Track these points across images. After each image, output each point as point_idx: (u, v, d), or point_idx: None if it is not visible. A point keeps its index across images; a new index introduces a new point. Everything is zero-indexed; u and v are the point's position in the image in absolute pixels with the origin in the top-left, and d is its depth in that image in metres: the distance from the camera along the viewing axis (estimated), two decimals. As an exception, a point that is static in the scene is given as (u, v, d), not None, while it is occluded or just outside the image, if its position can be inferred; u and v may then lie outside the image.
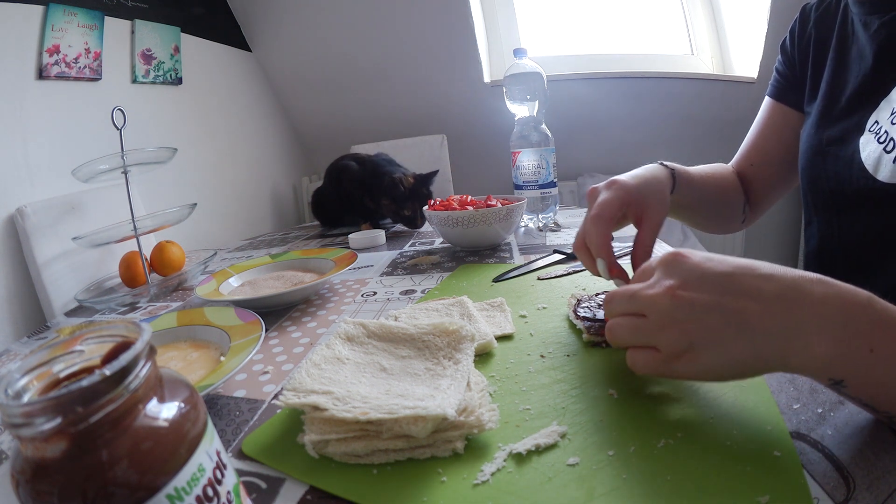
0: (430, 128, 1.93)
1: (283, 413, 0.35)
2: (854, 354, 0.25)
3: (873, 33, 0.50)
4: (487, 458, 0.28)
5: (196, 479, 0.18)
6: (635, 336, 0.31)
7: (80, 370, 0.20)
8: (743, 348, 0.27)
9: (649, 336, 0.30)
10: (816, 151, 0.56)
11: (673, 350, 0.29)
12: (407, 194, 0.96)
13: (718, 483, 0.24)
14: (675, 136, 1.87)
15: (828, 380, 0.26)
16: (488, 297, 0.54)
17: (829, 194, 0.55)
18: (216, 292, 0.63)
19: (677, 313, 0.28)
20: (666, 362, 0.29)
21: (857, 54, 0.53)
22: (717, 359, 0.28)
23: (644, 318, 0.30)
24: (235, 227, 1.79)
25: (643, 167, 0.52)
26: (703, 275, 0.29)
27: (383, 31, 1.84)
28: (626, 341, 0.32)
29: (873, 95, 0.50)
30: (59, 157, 1.18)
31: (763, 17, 1.55)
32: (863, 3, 0.51)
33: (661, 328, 0.29)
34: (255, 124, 2.01)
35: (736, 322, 0.27)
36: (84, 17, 1.26)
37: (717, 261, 0.30)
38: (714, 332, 0.27)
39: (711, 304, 0.28)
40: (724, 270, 0.29)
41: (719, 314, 0.27)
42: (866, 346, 0.25)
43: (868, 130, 0.49)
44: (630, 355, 0.31)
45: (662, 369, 0.29)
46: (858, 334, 0.25)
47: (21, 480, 0.17)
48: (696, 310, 0.28)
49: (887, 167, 0.46)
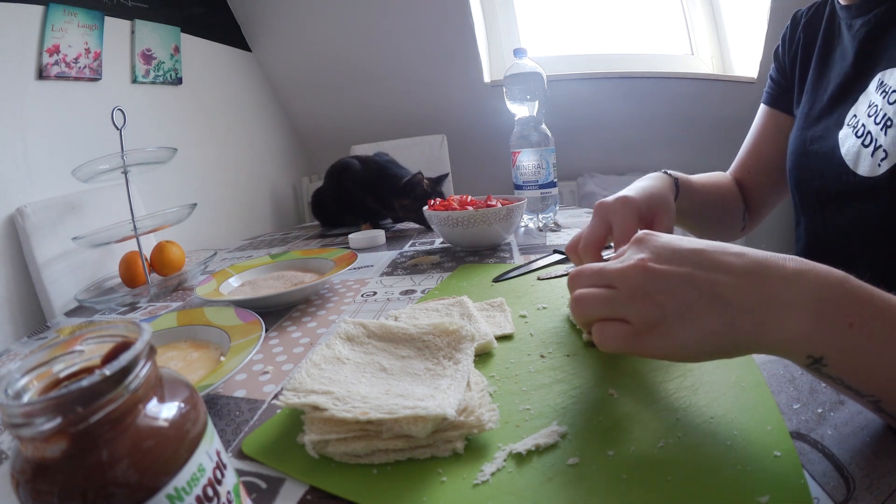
0: (430, 128, 1.93)
1: (283, 413, 0.35)
2: (832, 329, 0.24)
3: (855, 33, 0.51)
4: (487, 458, 0.28)
5: (196, 479, 0.18)
6: (605, 307, 0.30)
7: (80, 370, 0.20)
8: (716, 321, 0.26)
9: (619, 307, 0.29)
10: (801, 151, 0.57)
11: (644, 322, 0.28)
12: (429, 192, 0.97)
13: (718, 483, 0.24)
14: (675, 136, 1.87)
15: (806, 357, 0.25)
16: (488, 297, 0.54)
17: (814, 193, 0.56)
18: (216, 292, 0.63)
19: (648, 284, 0.28)
20: (637, 335, 0.28)
21: (840, 55, 0.54)
22: (689, 332, 0.27)
23: (614, 290, 0.29)
24: (235, 227, 1.79)
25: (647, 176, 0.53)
26: (675, 250, 0.29)
27: (383, 32, 1.84)
28: (594, 313, 0.30)
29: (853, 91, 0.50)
30: (59, 157, 1.18)
31: (763, 17, 1.55)
32: (848, 7, 0.52)
33: (631, 298, 0.28)
34: (255, 124, 2.01)
35: (709, 294, 0.27)
36: (84, 17, 1.26)
37: (688, 240, 0.30)
38: (687, 303, 0.27)
39: (684, 276, 0.27)
40: (695, 247, 0.29)
41: (692, 286, 0.27)
42: (845, 320, 0.24)
43: (846, 125, 0.50)
44: (598, 328, 0.30)
45: (633, 344, 0.28)
46: (836, 308, 0.25)
47: (21, 480, 0.17)
48: (669, 282, 0.28)
49: (866, 161, 0.46)
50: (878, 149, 0.45)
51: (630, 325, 0.28)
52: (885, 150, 0.44)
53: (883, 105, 0.45)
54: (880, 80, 0.47)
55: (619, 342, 0.29)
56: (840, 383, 0.26)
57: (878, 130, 0.45)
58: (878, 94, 0.46)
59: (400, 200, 0.99)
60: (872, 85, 0.47)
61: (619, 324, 0.29)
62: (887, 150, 0.44)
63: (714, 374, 0.34)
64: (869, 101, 0.47)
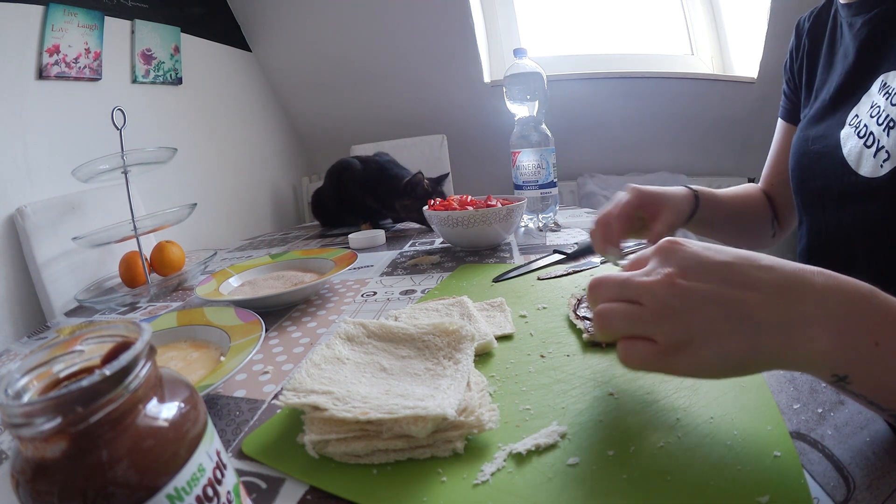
0: (430, 128, 1.93)
1: (283, 413, 0.35)
2: (858, 347, 0.24)
3: (856, 32, 0.51)
4: (487, 458, 0.28)
5: (196, 479, 0.18)
6: (631, 324, 0.28)
7: (80, 370, 0.20)
8: (742, 342, 0.26)
9: (647, 325, 0.27)
10: (803, 151, 0.57)
11: (672, 342, 0.27)
12: (430, 191, 0.97)
13: (718, 483, 0.24)
14: (675, 136, 1.87)
15: (831, 376, 0.25)
16: (488, 297, 0.54)
17: (815, 193, 0.56)
18: (216, 292, 0.63)
19: (676, 302, 0.27)
20: (663, 355, 0.27)
21: (842, 54, 0.54)
22: (715, 354, 0.26)
23: (640, 306, 0.28)
24: (235, 227, 1.79)
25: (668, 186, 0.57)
26: (702, 263, 0.28)
27: (383, 32, 1.84)
28: (619, 329, 0.29)
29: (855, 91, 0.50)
30: (59, 157, 1.18)
31: (763, 17, 1.55)
32: (849, 5, 0.52)
33: (660, 317, 0.27)
34: (255, 124, 2.01)
35: (736, 314, 0.26)
36: (84, 17, 1.26)
37: (716, 250, 0.29)
38: (713, 324, 0.26)
39: (711, 294, 0.26)
40: (723, 260, 0.28)
41: (719, 305, 0.26)
42: (871, 338, 0.24)
43: (848, 124, 0.50)
44: (624, 346, 0.28)
45: (659, 364, 0.27)
46: (862, 326, 0.24)
47: (21, 480, 0.17)
48: (696, 300, 0.27)
49: (868, 162, 0.46)
50: (881, 150, 0.45)
51: (657, 344, 0.27)
52: (887, 152, 0.44)
53: (886, 106, 0.45)
54: (883, 81, 0.47)
55: (646, 362, 0.28)
56: (863, 399, 0.26)
57: (881, 131, 0.45)
58: (881, 94, 0.46)
59: (401, 201, 0.99)
60: (875, 86, 0.48)
61: (646, 343, 0.28)
62: (890, 151, 0.44)
63: (714, 374, 0.34)
64: (871, 102, 0.47)
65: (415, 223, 1.05)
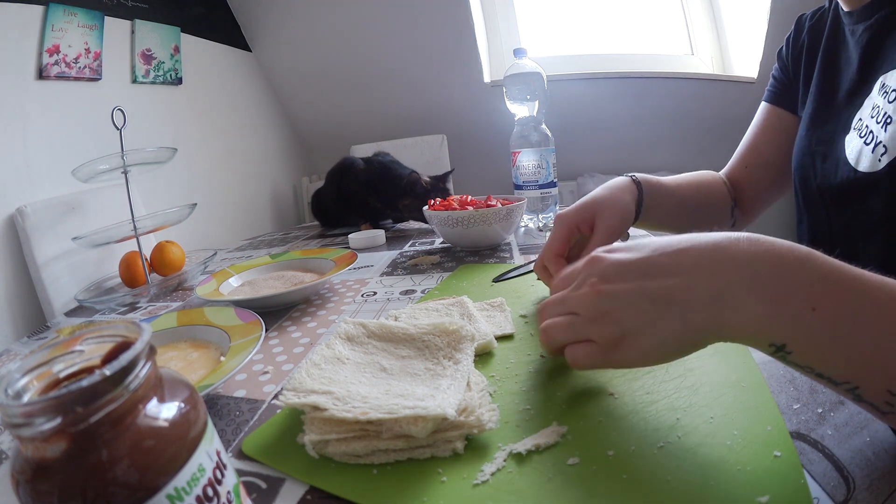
0: (430, 128, 1.93)
1: (283, 413, 0.35)
2: (792, 313, 0.23)
3: (858, 38, 0.52)
4: (487, 458, 0.28)
5: (196, 479, 0.18)
6: (569, 332, 0.32)
7: (80, 370, 0.20)
8: (673, 323, 0.27)
9: (582, 330, 0.31)
10: (806, 152, 0.58)
11: (607, 339, 0.29)
12: (428, 189, 0.97)
13: (718, 483, 0.24)
14: (675, 136, 1.87)
15: (769, 346, 0.24)
16: (488, 297, 0.54)
17: (817, 191, 0.56)
18: (216, 292, 0.63)
19: (604, 304, 0.29)
20: (604, 352, 0.30)
21: (845, 61, 0.55)
22: (651, 340, 0.28)
23: (576, 316, 0.31)
24: (235, 227, 1.79)
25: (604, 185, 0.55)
26: (622, 266, 0.30)
27: (383, 32, 1.84)
28: (561, 338, 0.32)
29: (859, 96, 0.51)
30: (59, 157, 1.18)
31: (763, 17, 1.55)
32: (850, 13, 0.53)
33: (592, 321, 0.30)
34: (255, 124, 2.01)
35: (662, 300, 0.27)
36: (84, 17, 1.26)
37: (636, 249, 0.31)
38: (642, 314, 0.28)
39: (636, 290, 0.28)
40: (641, 257, 0.30)
41: (644, 297, 0.28)
42: (806, 304, 0.23)
43: (853, 129, 0.50)
44: (569, 351, 0.32)
45: (602, 360, 0.30)
46: (796, 291, 0.24)
47: (21, 480, 0.17)
48: (622, 299, 0.29)
49: (867, 157, 0.47)
50: (878, 144, 0.45)
51: (596, 343, 0.30)
52: (884, 146, 0.45)
53: (884, 105, 0.46)
54: (882, 82, 0.47)
55: (589, 360, 0.31)
56: (810, 371, 0.24)
57: (879, 128, 0.46)
58: (880, 95, 0.47)
59: (402, 201, 1.00)
60: (875, 88, 0.48)
61: (586, 344, 0.31)
62: (887, 144, 0.44)
63: (714, 374, 0.34)
64: (873, 104, 0.48)
65: (417, 222, 1.05)
